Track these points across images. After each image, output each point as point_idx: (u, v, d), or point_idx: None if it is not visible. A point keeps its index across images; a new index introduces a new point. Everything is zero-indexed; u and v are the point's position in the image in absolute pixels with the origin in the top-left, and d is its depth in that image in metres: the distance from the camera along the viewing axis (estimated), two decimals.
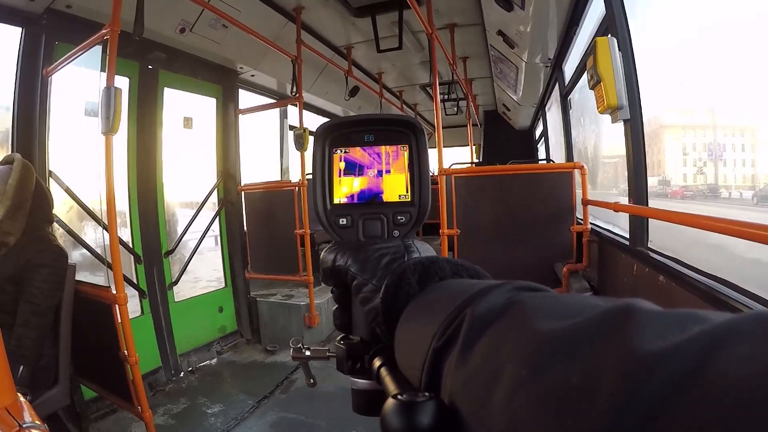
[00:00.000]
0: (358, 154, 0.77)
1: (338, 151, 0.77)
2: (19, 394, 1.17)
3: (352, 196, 0.77)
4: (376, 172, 0.77)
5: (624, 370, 0.24)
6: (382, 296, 0.56)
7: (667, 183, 4.34)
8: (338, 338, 0.71)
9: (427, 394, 0.40)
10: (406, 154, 0.76)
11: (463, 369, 0.37)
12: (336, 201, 0.77)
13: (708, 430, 0.20)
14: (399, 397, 0.40)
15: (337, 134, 0.77)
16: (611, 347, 0.27)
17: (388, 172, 0.77)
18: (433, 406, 0.39)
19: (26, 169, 3.07)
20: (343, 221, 0.76)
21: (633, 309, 0.29)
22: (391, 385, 0.52)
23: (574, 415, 0.25)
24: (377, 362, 0.60)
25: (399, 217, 0.76)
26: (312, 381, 0.90)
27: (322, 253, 0.72)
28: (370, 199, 0.77)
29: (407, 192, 0.77)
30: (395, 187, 0.77)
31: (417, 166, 0.76)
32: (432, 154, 4.50)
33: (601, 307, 0.31)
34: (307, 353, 0.82)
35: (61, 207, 4.15)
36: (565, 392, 0.27)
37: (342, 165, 0.77)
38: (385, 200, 0.77)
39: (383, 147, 0.77)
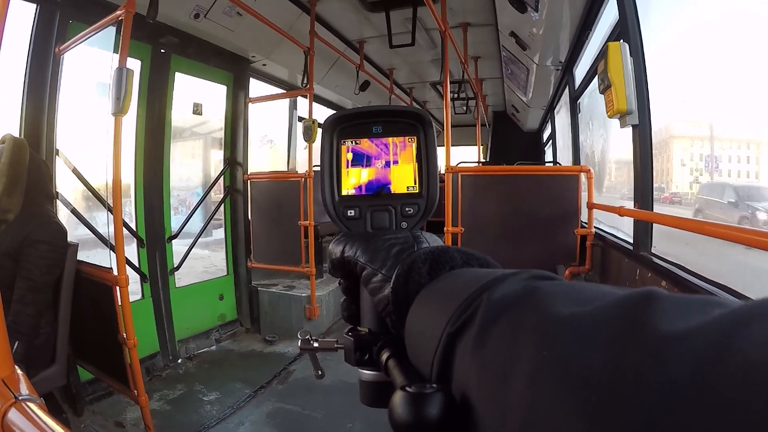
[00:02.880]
0: (365, 145, 0.77)
1: (346, 143, 0.77)
2: (16, 367, 1.17)
3: (360, 188, 0.77)
4: (383, 163, 0.77)
5: (648, 351, 0.25)
6: (392, 285, 0.56)
7: (661, 190, 4.36)
8: (346, 330, 0.70)
9: (435, 385, 0.40)
10: (414, 145, 0.76)
11: (480, 353, 0.37)
12: (344, 192, 0.77)
13: (734, 409, 0.20)
14: (407, 388, 0.40)
15: (346, 125, 0.78)
16: (634, 329, 0.27)
17: (395, 163, 0.77)
18: (442, 397, 0.39)
19: (17, 146, 3.08)
20: (351, 212, 0.76)
21: (653, 294, 0.29)
22: (399, 377, 0.52)
23: (599, 395, 0.25)
24: (385, 354, 0.60)
25: (407, 209, 0.76)
26: (320, 373, 0.89)
27: (330, 245, 0.72)
28: (377, 191, 0.77)
29: (415, 183, 0.77)
30: (403, 178, 0.77)
31: (425, 158, 0.76)
32: (440, 152, 4.51)
33: (620, 294, 0.31)
34: (315, 345, 0.81)
35: (67, 186, 4.16)
36: (588, 373, 0.27)
37: (350, 156, 0.77)
38: (393, 191, 0.77)
39: (391, 138, 0.77)
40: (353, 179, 0.77)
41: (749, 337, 0.22)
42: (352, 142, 0.77)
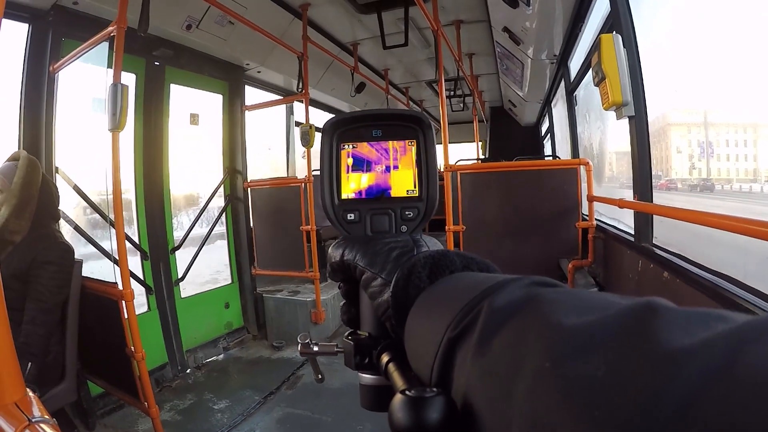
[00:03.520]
0: (365, 149, 0.76)
1: (346, 147, 0.77)
2: (28, 390, 1.18)
3: (359, 192, 0.77)
4: (383, 167, 0.76)
5: (653, 365, 0.25)
6: (392, 290, 0.56)
7: (657, 177, 4.37)
8: (346, 334, 0.70)
9: (435, 389, 0.40)
10: (413, 149, 0.76)
11: (482, 359, 0.37)
12: (344, 196, 0.77)
13: (740, 424, 0.20)
14: (407, 392, 0.40)
15: (345, 129, 0.77)
16: (638, 342, 0.27)
17: (395, 167, 0.76)
18: (442, 401, 0.39)
19: (32, 166, 3.08)
20: (351, 216, 0.76)
21: (656, 306, 0.29)
22: (399, 381, 0.52)
23: (603, 407, 0.25)
24: (385, 357, 0.60)
25: (407, 213, 0.75)
26: (320, 377, 0.89)
27: (330, 248, 0.72)
28: (378, 195, 0.76)
29: (415, 187, 0.76)
30: (403, 182, 0.76)
31: (425, 162, 0.76)
32: (438, 150, 4.53)
33: (623, 305, 0.31)
34: (315, 349, 0.81)
35: (68, 203, 4.16)
36: (591, 385, 0.26)
37: (350, 161, 0.76)
38: (392, 195, 0.76)
39: (390, 142, 0.76)
40: (353, 184, 0.77)
41: (756, 355, 0.22)
42: (351, 146, 0.77)
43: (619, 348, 0.27)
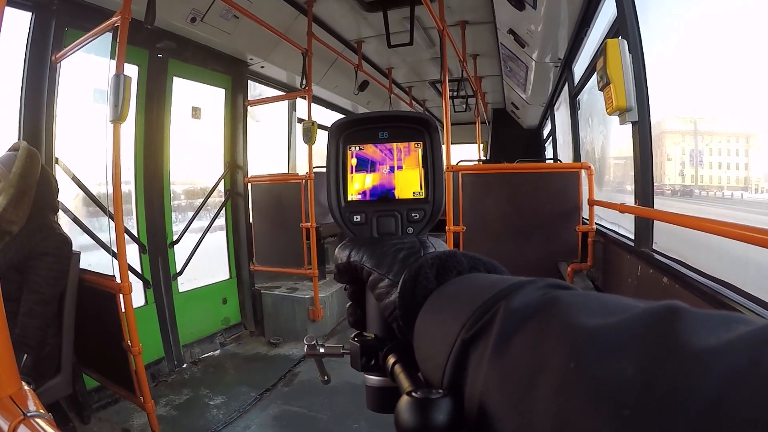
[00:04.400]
0: (369, 150, 0.76)
1: (351, 148, 0.77)
2: (23, 383, 1.17)
3: (364, 193, 0.77)
4: (387, 168, 0.76)
5: (680, 365, 0.25)
6: (399, 291, 0.56)
7: None
8: (352, 335, 0.70)
9: (441, 390, 0.40)
10: (419, 150, 0.76)
11: (500, 362, 0.37)
12: (350, 198, 0.77)
13: (765, 422, 0.20)
14: (413, 393, 0.40)
15: (352, 131, 0.77)
16: (664, 343, 0.27)
17: (399, 168, 0.76)
18: (449, 402, 0.39)
19: (31, 157, 3.06)
20: (357, 218, 0.76)
21: (678, 308, 0.29)
22: (405, 382, 0.52)
23: (632, 406, 0.25)
24: (391, 359, 0.60)
25: (413, 214, 0.75)
26: (326, 378, 0.90)
27: (336, 250, 0.72)
28: (382, 196, 0.76)
29: (421, 189, 0.76)
30: (408, 183, 0.76)
31: (431, 163, 0.76)
32: None
33: (642, 307, 0.31)
34: (322, 350, 0.81)
35: (67, 194, 4.15)
36: (620, 385, 0.27)
37: (354, 161, 0.77)
38: (397, 197, 0.76)
39: (395, 143, 0.76)
40: (357, 185, 0.77)
41: None
42: (357, 148, 0.77)
43: (644, 348, 0.28)
